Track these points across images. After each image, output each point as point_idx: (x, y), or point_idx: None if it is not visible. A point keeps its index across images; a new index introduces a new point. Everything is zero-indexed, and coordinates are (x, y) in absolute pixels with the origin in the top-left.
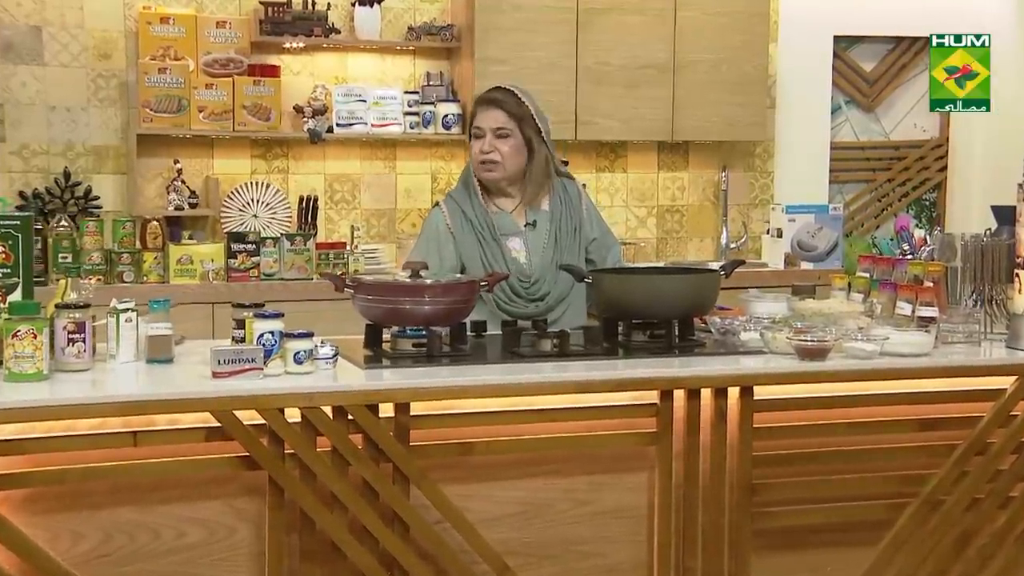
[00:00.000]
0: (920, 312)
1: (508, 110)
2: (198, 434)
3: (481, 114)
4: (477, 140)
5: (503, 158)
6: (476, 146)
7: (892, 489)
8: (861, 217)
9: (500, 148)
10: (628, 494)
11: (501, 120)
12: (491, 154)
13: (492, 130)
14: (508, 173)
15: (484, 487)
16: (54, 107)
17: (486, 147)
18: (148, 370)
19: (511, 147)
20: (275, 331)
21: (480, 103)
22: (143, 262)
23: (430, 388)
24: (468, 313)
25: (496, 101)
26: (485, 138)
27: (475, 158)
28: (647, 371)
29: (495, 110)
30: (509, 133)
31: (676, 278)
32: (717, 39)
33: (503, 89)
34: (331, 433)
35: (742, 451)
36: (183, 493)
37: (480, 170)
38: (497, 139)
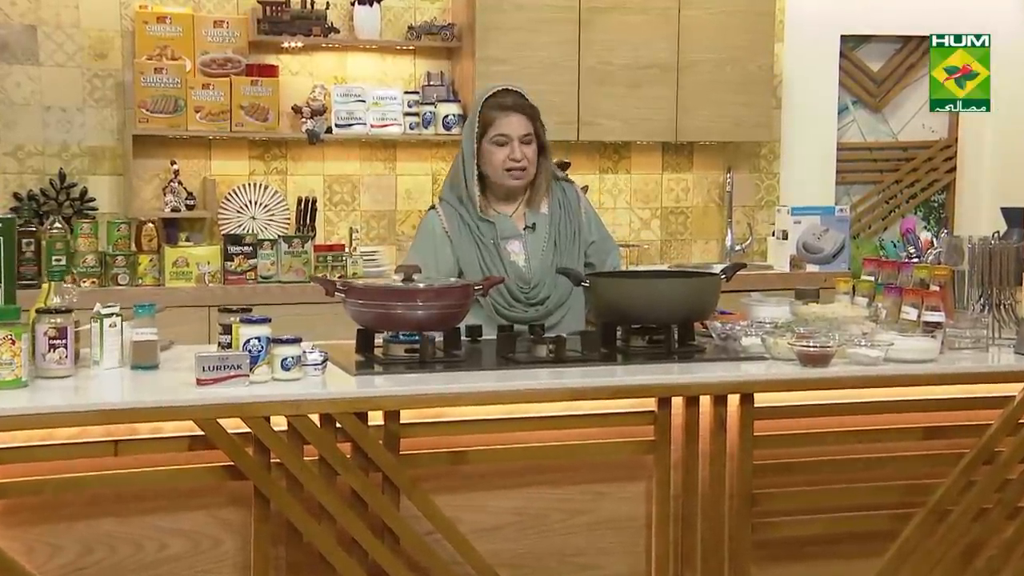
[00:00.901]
0: (926, 317)
1: (528, 114)
2: (181, 443)
3: (503, 120)
4: (501, 148)
5: (529, 164)
6: (501, 153)
7: (897, 499)
8: (869, 219)
9: (527, 154)
10: (625, 504)
11: (525, 126)
12: (522, 162)
13: (519, 137)
14: (531, 177)
15: (477, 497)
16: (49, 107)
17: (517, 155)
18: (132, 377)
19: (534, 152)
20: (262, 337)
21: (498, 109)
22: (138, 265)
23: (420, 395)
24: (462, 318)
25: (516, 107)
26: (512, 144)
27: (500, 165)
28: (644, 378)
29: (518, 115)
30: (532, 139)
31: (675, 282)
32: (722, 38)
33: (514, 92)
34: (318, 442)
35: (742, 460)
36: (166, 504)
37: (507, 177)
38: (523, 145)
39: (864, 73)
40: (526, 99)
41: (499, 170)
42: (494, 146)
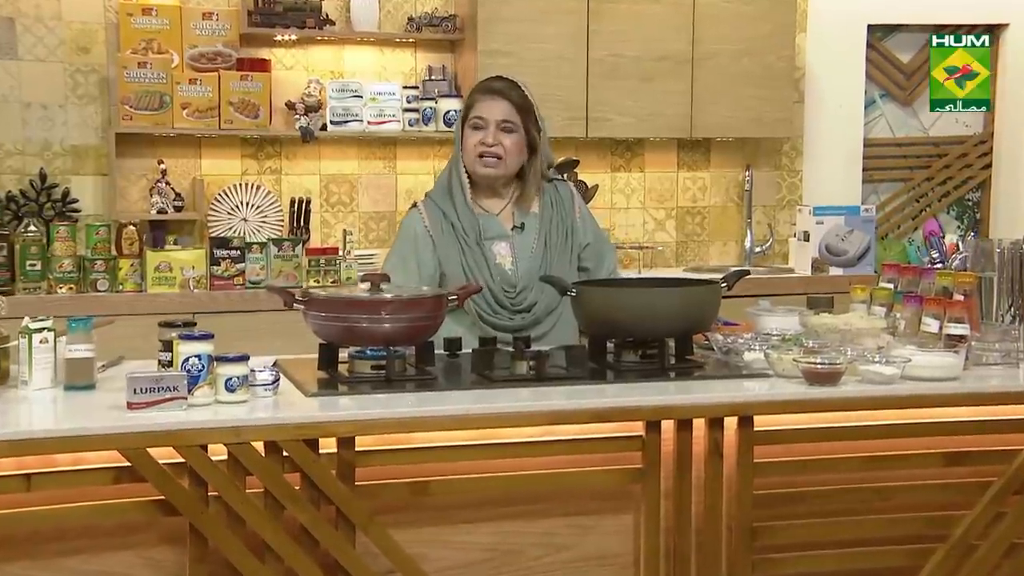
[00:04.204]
0: (949, 329)
1: (514, 102)
2: (105, 475)
3: (483, 103)
4: (476, 131)
5: (506, 153)
6: (475, 137)
7: (915, 533)
8: (897, 219)
9: (503, 142)
10: (610, 539)
11: (507, 112)
12: (495, 147)
13: (496, 122)
14: (508, 171)
15: (443, 532)
16: (29, 104)
17: (489, 139)
18: (64, 399)
19: (514, 142)
20: (203, 355)
21: (481, 92)
22: (118, 270)
23: (376, 420)
24: (434, 330)
25: (501, 91)
26: (488, 129)
27: (472, 150)
28: (630, 399)
29: (500, 100)
30: (514, 128)
31: (669, 292)
32: (740, 28)
33: (506, 79)
34: (262, 472)
35: (741, 489)
36: (88, 544)
37: (478, 164)
38: (501, 132)
39: (893, 64)
40: (519, 88)
41: (471, 155)
42: (470, 129)
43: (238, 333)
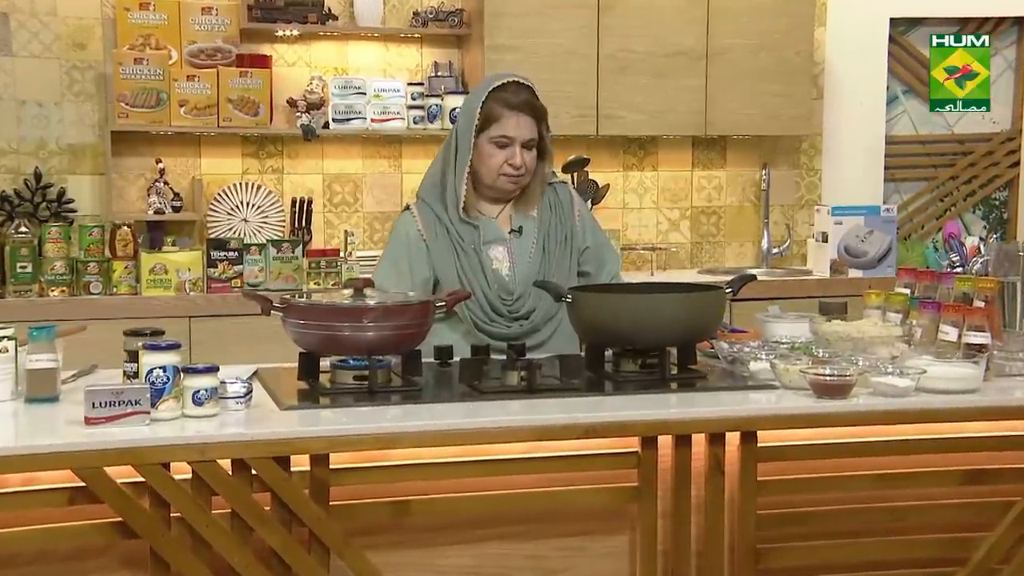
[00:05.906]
0: (968, 338)
1: (538, 116)
2: (59, 496)
3: (509, 120)
4: (501, 150)
5: (528, 172)
6: (500, 156)
7: (932, 555)
8: (921, 219)
9: (527, 161)
10: (604, 562)
11: (533, 130)
12: (522, 169)
13: (524, 141)
14: (526, 183)
15: (423, 554)
16: (24, 102)
17: (517, 161)
18: (23, 412)
19: (534, 159)
20: (167, 366)
21: (504, 105)
22: (112, 272)
23: (351, 436)
24: (421, 338)
25: (528, 107)
26: (514, 149)
27: (496, 168)
28: (625, 412)
29: (527, 118)
30: (535, 143)
31: (669, 298)
32: (756, 22)
33: (524, 86)
34: (229, 492)
35: (744, 509)
36: (40, 570)
37: (504, 182)
38: (524, 149)
39: (916, 60)
40: (536, 97)
41: (494, 173)
42: (493, 147)
43: (235, 338)
